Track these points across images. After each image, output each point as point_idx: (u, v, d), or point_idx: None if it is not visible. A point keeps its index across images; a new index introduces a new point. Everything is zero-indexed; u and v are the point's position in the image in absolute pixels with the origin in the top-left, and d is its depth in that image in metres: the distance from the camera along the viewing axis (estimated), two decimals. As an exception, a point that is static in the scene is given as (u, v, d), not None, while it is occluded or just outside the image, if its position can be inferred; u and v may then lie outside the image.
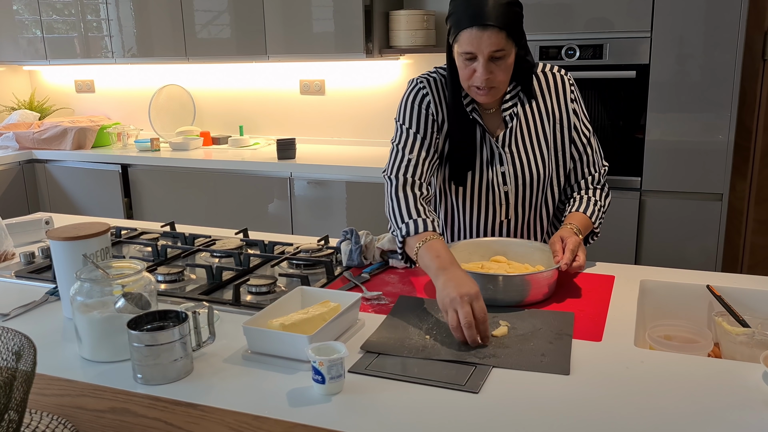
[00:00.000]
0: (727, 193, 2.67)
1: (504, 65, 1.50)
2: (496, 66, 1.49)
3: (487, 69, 1.48)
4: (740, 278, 1.56)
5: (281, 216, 3.39)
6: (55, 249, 1.34)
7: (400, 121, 1.65)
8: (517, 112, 1.64)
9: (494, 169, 1.65)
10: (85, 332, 1.20)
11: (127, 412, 1.04)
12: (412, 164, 1.59)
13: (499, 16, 1.44)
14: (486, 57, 1.47)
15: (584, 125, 1.69)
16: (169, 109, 4.10)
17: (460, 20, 1.48)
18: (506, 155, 1.64)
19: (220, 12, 3.55)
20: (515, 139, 1.64)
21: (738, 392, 1.05)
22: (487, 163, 1.65)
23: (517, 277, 1.41)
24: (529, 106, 1.65)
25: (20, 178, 3.87)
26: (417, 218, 1.49)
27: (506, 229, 1.71)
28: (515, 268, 1.53)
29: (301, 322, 1.20)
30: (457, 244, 1.60)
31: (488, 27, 1.44)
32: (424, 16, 3.34)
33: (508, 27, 1.46)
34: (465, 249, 1.60)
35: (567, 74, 1.69)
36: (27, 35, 4.08)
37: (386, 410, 1.02)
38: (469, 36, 1.46)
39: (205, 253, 1.82)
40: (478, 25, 1.45)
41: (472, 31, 1.46)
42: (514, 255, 1.61)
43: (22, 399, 0.83)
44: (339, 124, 3.85)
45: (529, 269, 1.52)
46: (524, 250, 1.60)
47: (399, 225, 1.51)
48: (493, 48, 1.46)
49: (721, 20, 2.53)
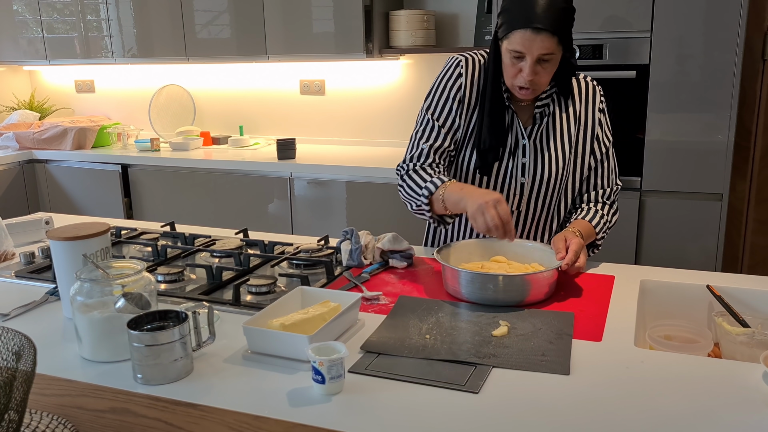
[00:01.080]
0: (727, 193, 2.66)
1: (549, 68, 1.54)
2: (542, 68, 1.52)
3: (533, 70, 1.52)
4: (740, 278, 1.56)
5: (281, 216, 3.39)
6: (55, 249, 1.34)
7: (426, 104, 1.70)
8: (549, 111, 1.67)
9: (516, 159, 1.67)
10: (85, 332, 1.20)
11: (127, 412, 1.04)
12: (425, 153, 1.66)
13: (554, 21, 1.46)
14: (534, 59, 1.50)
15: (606, 136, 1.71)
16: (169, 109, 4.10)
17: (514, 19, 1.49)
18: (530, 147, 1.66)
19: (220, 12, 3.55)
20: (542, 134, 1.67)
21: (738, 392, 1.05)
22: (510, 152, 1.67)
23: (518, 277, 1.41)
24: (561, 106, 1.68)
25: (20, 178, 3.87)
26: (433, 178, 1.60)
27: (516, 220, 1.73)
28: (515, 268, 1.53)
29: (301, 322, 1.20)
30: (457, 244, 1.60)
31: (541, 31, 1.46)
32: (424, 16, 3.34)
33: (560, 32, 1.48)
34: (465, 249, 1.60)
35: (599, 85, 1.73)
36: (27, 35, 4.08)
37: (386, 410, 1.02)
38: (521, 37, 1.49)
39: (205, 253, 1.82)
40: (532, 27, 1.46)
41: (525, 33, 1.48)
42: (513, 255, 1.60)
43: (22, 399, 0.83)
44: (339, 124, 3.85)
45: (529, 269, 1.52)
46: (524, 251, 1.60)
47: (418, 194, 1.60)
48: (543, 51, 1.49)
49: (721, 20, 2.53)
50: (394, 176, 3.05)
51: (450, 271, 1.47)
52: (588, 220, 1.65)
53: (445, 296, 1.47)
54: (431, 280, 1.58)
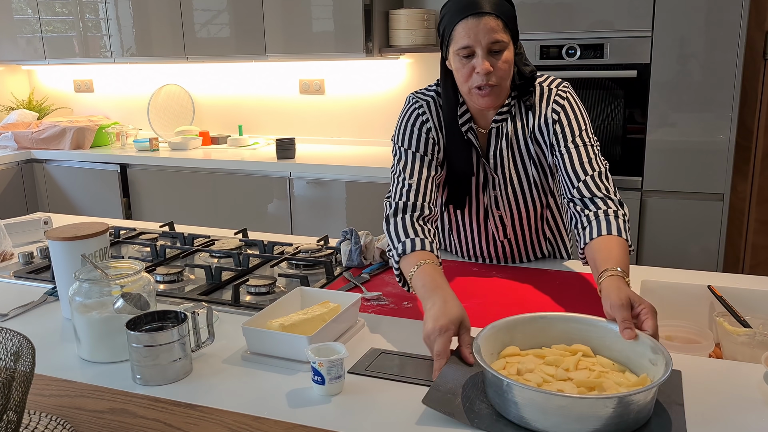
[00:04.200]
0: (728, 193, 2.66)
1: (503, 59, 1.41)
2: (496, 60, 1.40)
3: (486, 61, 1.39)
4: (741, 278, 1.55)
5: (281, 216, 3.38)
6: (53, 249, 1.34)
7: (398, 144, 1.54)
8: (505, 129, 1.53)
9: (488, 193, 1.60)
10: (83, 333, 1.19)
11: (126, 412, 1.04)
12: (413, 189, 1.47)
13: (493, 4, 1.39)
14: (485, 49, 1.39)
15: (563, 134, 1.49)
16: (168, 109, 4.09)
17: (452, 16, 1.41)
18: (498, 178, 1.58)
19: (219, 11, 3.55)
20: (503, 160, 1.55)
21: (739, 393, 1.05)
22: (482, 187, 1.60)
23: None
24: (521, 122, 1.53)
25: (19, 178, 3.86)
26: (414, 237, 1.37)
27: (508, 248, 1.68)
28: (601, 366, 1.05)
29: (300, 323, 1.20)
30: (494, 328, 1.10)
31: (483, 15, 1.38)
32: (424, 15, 3.33)
33: (504, 15, 1.40)
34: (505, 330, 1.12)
35: (563, 83, 1.55)
36: (26, 35, 4.08)
37: (386, 410, 1.01)
38: (464, 27, 1.39)
39: (205, 254, 1.81)
40: (473, 13, 1.38)
41: (467, 22, 1.38)
42: (580, 338, 1.12)
43: (20, 399, 0.82)
44: (339, 123, 3.85)
45: (625, 378, 1.02)
46: (601, 333, 1.10)
47: (396, 246, 1.39)
48: (491, 37, 1.38)
49: (722, 20, 2.53)
50: (393, 176, 3.05)
51: (493, 381, 0.98)
52: (607, 235, 1.33)
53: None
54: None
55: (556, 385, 0.97)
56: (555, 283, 1.53)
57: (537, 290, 1.49)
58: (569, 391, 0.95)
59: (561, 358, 1.04)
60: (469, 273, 1.62)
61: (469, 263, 1.69)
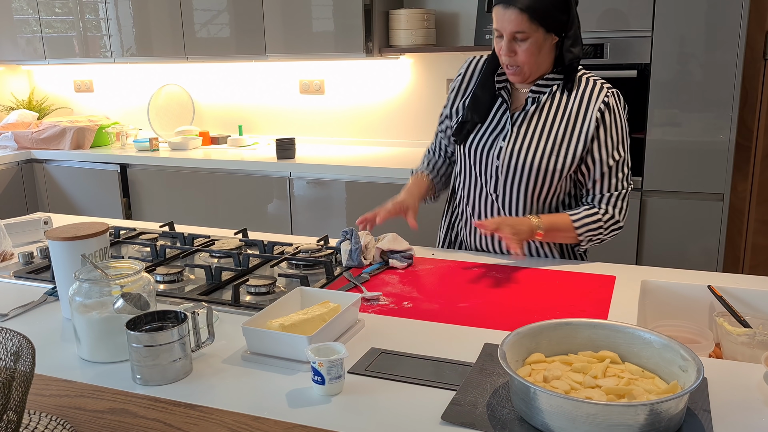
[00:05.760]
0: (728, 193, 2.66)
1: (527, 48, 1.54)
2: (518, 47, 1.55)
3: (509, 48, 1.55)
4: (741, 278, 1.55)
5: (281, 216, 3.38)
6: (53, 249, 1.34)
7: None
8: (541, 101, 1.64)
9: (496, 141, 1.67)
10: (83, 333, 1.19)
11: (126, 412, 1.04)
12: (427, 159, 1.92)
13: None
14: (508, 36, 1.54)
15: (606, 149, 1.62)
16: (168, 109, 4.09)
17: None
18: (512, 133, 1.65)
19: (219, 11, 3.55)
20: (527, 123, 1.65)
21: (739, 393, 1.05)
22: (492, 132, 1.68)
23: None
24: (556, 101, 1.64)
25: (19, 178, 3.86)
26: (418, 169, 1.90)
27: (492, 206, 1.72)
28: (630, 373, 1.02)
29: (300, 323, 1.20)
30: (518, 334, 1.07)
31: (509, 7, 1.51)
32: (424, 15, 3.33)
33: (531, 10, 1.49)
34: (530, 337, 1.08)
35: (612, 89, 1.64)
36: (26, 35, 4.08)
37: (386, 410, 1.01)
38: (496, 12, 1.55)
39: (204, 254, 1.81)
40: (503, 3, 1.52)
41: (498, 9, 1.54)
42: (607, 344, 1.09)
43: (20, 399, 0.82)
44: (339, 123, 3.85)
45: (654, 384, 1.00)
46: (628, 339, 1.08)
47: (415, 171, 1.91)
48: (514, 28, 1.52)
49: (722, 20, 2.53)
50: (394, 176, 3.05)
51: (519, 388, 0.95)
52: (569, 214, 1.64)
53: (445, 299, 1.47)
54: (431, 280, 1.57)
55: (584, 392, 0.95)
56: (555, 283, 1.53)
57: (537, 290, 1.49)
58: (598, 398, 0.93)
59: (588, 364, 1.02)
60: (469, 273, 1.62)
61: (469, 263, 1.69)
